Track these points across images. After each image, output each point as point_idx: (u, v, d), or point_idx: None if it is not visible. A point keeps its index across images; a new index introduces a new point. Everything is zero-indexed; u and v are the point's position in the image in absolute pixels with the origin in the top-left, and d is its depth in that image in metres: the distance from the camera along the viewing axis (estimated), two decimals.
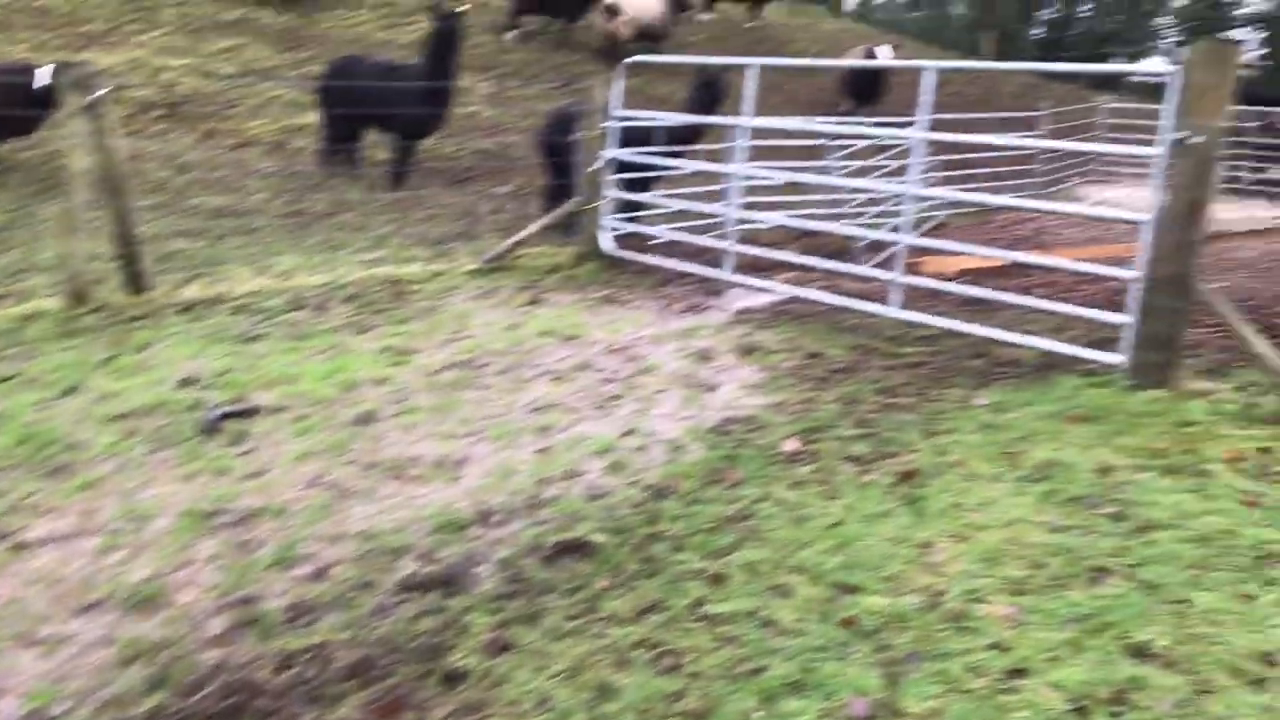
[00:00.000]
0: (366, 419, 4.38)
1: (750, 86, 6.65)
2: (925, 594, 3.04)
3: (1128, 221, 4.84)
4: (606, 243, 7.57)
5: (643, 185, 8.45)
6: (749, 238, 7.53)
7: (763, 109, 7.02)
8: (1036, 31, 43.24)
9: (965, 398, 4.85)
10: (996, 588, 3.07)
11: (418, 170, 10.37)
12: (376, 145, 10.62)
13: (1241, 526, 3.43)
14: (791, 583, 3.12)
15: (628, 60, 7.61)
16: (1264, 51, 42.75)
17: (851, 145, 9.82)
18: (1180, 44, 44.54)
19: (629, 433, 4.36)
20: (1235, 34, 44.19)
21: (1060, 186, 14.85)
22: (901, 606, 2.97)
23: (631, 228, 7.85)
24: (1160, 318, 4.53)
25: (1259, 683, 2.62)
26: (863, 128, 8.61)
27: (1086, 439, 4.21)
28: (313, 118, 10.89)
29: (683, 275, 7.33)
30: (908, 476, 3.84)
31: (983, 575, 3.14)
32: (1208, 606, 2.94)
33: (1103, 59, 44.81)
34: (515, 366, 5.16)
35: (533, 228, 7.64)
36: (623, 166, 7.65)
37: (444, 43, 9.90)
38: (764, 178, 7.36)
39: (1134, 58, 46.38)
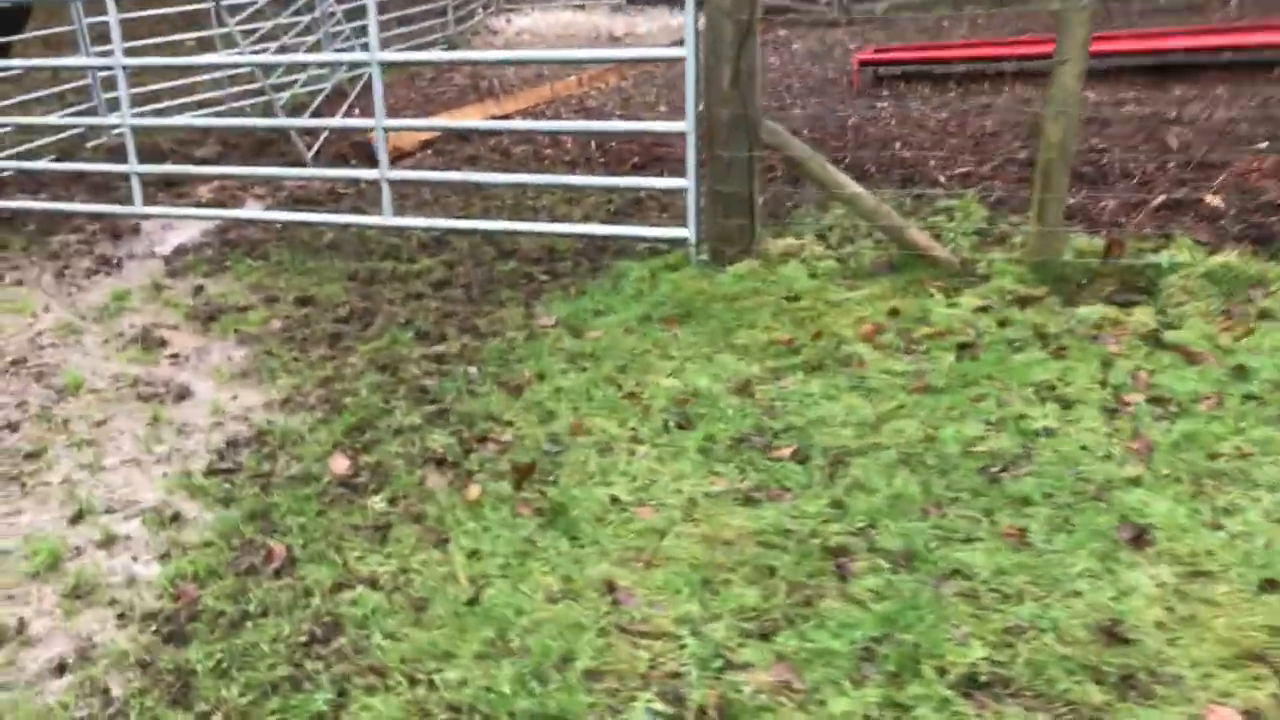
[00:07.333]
0: None
1: None
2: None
3: (666, 60, 3.94)
4: None
5: None
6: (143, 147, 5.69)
7: None
8: None
9: (525, 320, 3.78)
10: (764, 659, 2.11)
11: None
12: None
13: (936, 426, 2.79)
14: None
15: None
16: None
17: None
18: None
19: (78, 517, 2.73)
20: None
21: (470, 22, 13.90)
22: None
23: None
24: (728, 174, 3.73)
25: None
26: None
27: (699, 347, 3.37)
28: None
29: (69, 216, 5.38)
30: (524, 473, 2.71)
31: (728, 629, 2.16)
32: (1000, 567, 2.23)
33: None
34: None
35: None
36: None
37: None
38: (155, 68, 5.53)
39: None
